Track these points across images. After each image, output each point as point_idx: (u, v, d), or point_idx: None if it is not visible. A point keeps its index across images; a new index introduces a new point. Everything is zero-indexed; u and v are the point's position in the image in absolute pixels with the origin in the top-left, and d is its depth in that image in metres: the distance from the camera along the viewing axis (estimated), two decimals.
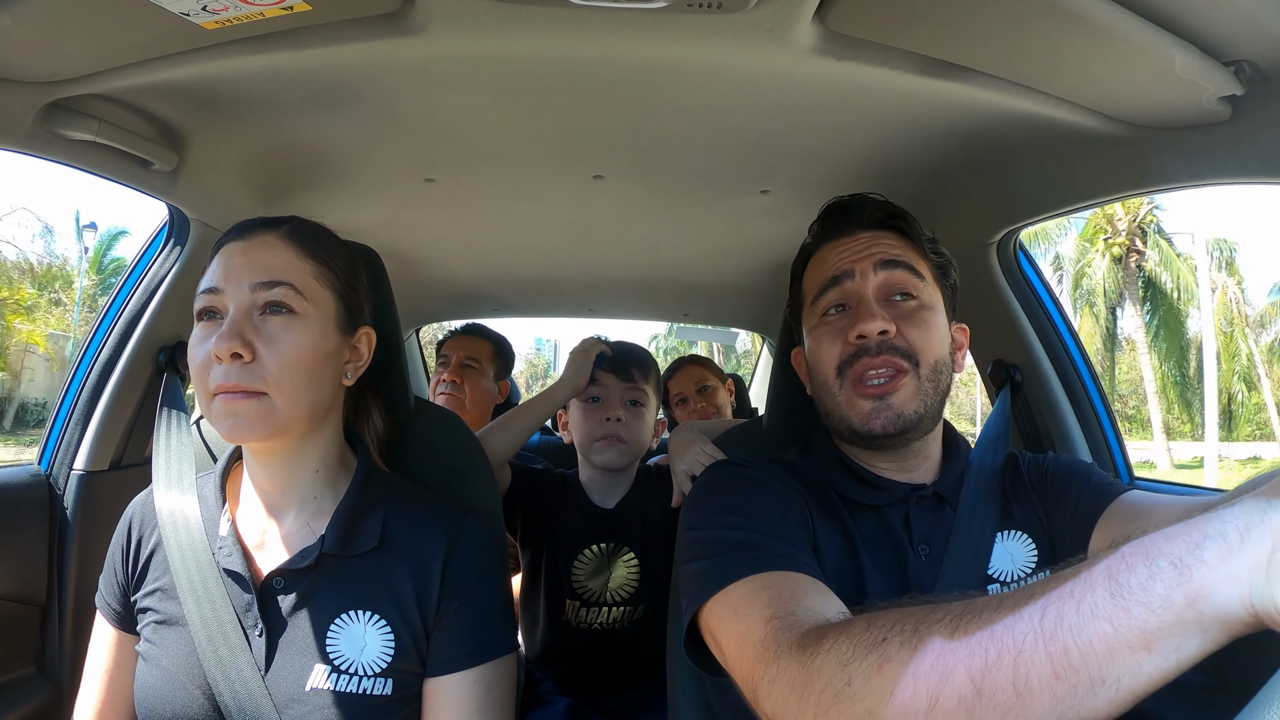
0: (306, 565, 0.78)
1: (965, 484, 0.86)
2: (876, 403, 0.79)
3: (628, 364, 1.41)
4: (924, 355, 0.81)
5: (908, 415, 0.79)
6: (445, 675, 0.79)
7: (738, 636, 0.62)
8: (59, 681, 1.14)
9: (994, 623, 0.42)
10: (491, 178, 1.31)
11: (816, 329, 0.86)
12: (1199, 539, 0.36)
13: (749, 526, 0.73)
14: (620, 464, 1.39)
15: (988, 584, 0.81)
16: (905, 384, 0.80)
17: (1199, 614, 0.35)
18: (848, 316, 0.83)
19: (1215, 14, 0.71)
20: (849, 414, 0.82)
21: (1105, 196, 1.07)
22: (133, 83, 0.88)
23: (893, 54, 0.84)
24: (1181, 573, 0.36)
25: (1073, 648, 0.38)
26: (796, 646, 0.54)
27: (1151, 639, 0.36)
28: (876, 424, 0.79)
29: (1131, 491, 0.81)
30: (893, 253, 0.84)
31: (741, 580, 0.67)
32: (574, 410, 1.43)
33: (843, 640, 0.50)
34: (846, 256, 0.85)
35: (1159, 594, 0.36)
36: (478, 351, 1.99)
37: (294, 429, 0.77)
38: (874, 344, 0.80)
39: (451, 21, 0.77)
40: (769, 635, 0.58)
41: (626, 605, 1.39)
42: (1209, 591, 0.35)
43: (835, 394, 0.83)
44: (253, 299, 0.75)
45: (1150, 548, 0.38)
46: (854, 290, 0.83)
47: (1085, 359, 1.33)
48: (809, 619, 0.58)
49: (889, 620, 0.49)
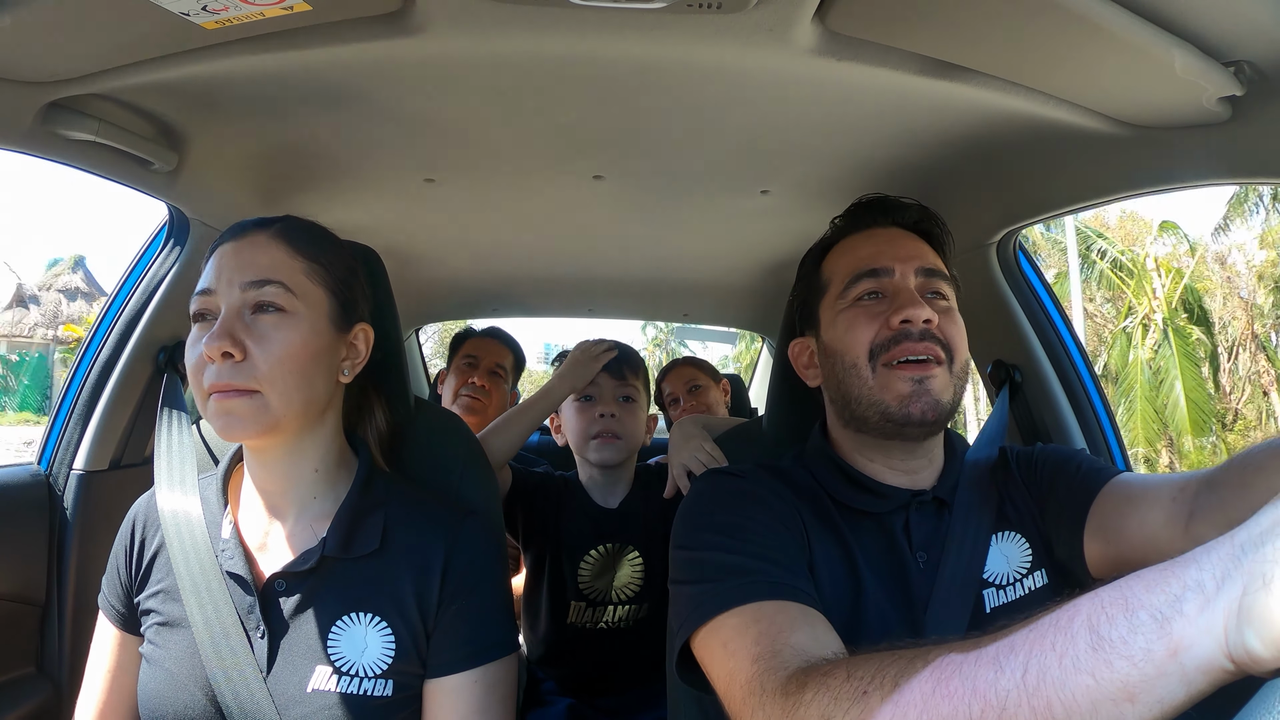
0: (308, 568, 0.78)
1: (960, 486, 0.86)
2: (915, 386, 0.78)
3: (619, 363, 1.42)
4: (957, 351, 0.82)
5: (945, 404, 0.79)
6: (445, 676, 0.79)
7: (726, 674, 0.63)
8: (58, 681, 1.14)
9: (976, 678, 0.42)
10: (491, 178, 1.31)
11: (847, 312, 0.85)
12: (1179, 590, 0.36)
13: (741, 549, 0.73)
14: (617, 459, 1.40)
15: (983, 588, 0.81)
16: (941, 374, 0.80)
17: (1181, 666, 0.35)
18: (885, 303, 0.83)
19: (1215, 15, 0.71)
20: (883, 397, 0.80)
21: (1105, 197, 1.07)
22: (133, 82, 0.88)
23: (893, 54, 0.84)
24: (1162, 626, 0.35)
25: (1056, 702, 0.38)
26: (780, 693, 0.55)
27: (1135, 692, 0.36)
28: (915, 408, 0.78)
29: (1122, 475, 0.81)
30: (929, 260, 0.86)
31: (730, 611, 0.67)
32: (567, 410, 1.44)
33: (824, 693, 0.51)
34: (887, 252, 0.85)
35: (1140, 647, 0.36)
36: (504, 358, 1.93)
37: (289, 426, 0.77)
38: (918, 330, 0.79)
39: (451, 21, 0.77)
40: (755, 677, 0.59)
41: (631, 604, 1.39)
42: (1189, 644, 0.35)
43: (866, 378, 0.81)
44: (243, 298, 0.75)
45: (1130, 598, 0.37)
46: (893, 284, 0.83)
47: (1085, 359, 1.33)
48: (793, 660, 0.59)
49: (869, 671, 0.49)
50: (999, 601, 0.81)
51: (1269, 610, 0.32)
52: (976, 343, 1.41)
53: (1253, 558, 0.34)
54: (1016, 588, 0.82)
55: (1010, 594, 0.82)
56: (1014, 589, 0.82)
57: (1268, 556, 0.33)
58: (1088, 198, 1.10)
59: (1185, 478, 0.73)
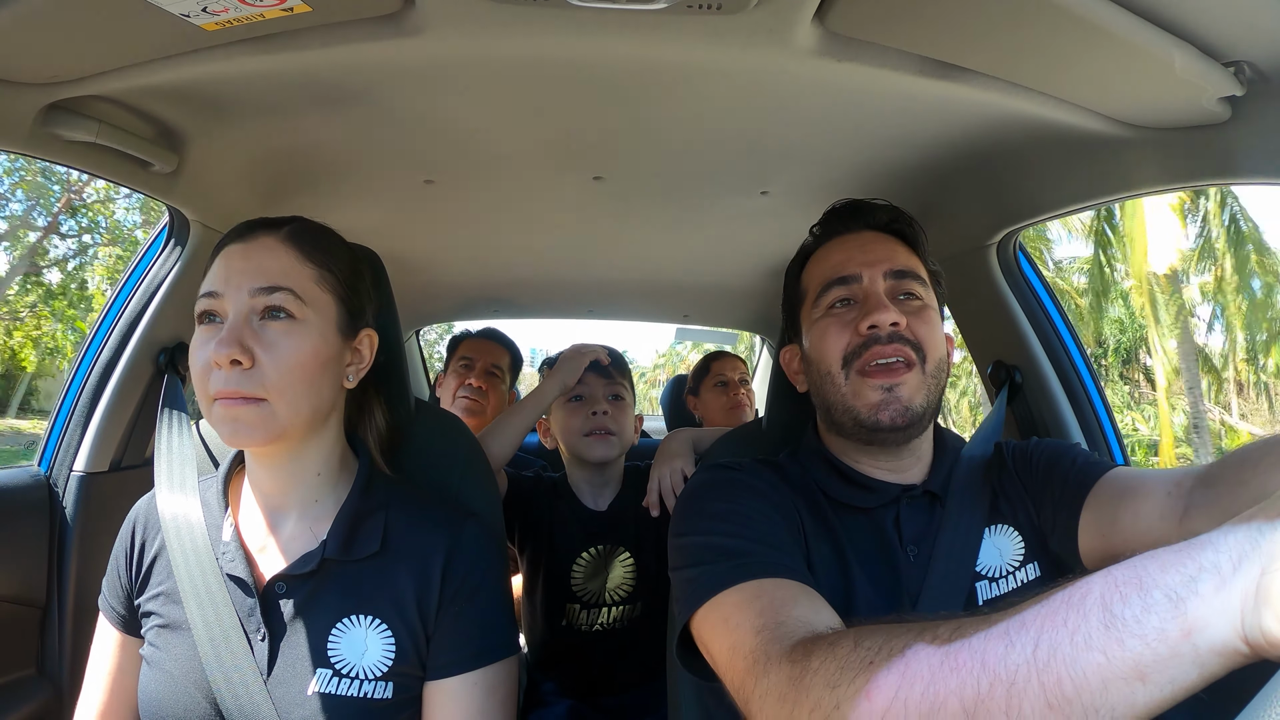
0: (308, 570, 0.78)
1: (953, 480, 0.86)
2: (885, 394, 0.80)
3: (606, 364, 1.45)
4: (930, 351, 0.82)
5: (915, 408, 0.80)
6: (446, 678, 0.79)
7: (729, 647, 0.63)
8: (59, 683, 1.14)
9: (986, 651, 0.42)
10: (491, 179, 1.31)
11: (821, 320, 0.86)
12: (1194, 571, 0.35)
13: (738, 533, 0.74)
14: (612, 455, 1.41)
15: (975, 580, 0.82)
16: (912, 377, 0.80)
17: (1194, 647, 0.35)
18: (855, 310, 0.84)
19: (1215, 15, 0.71)
20: (855, 405, 0.81)
21: (1105, 197, 1.08)
22: (133, 84, 0.88)
23: (893, 55, 0.84)
24: (1176, 606, 0.35)
25: (1066, 679, 0.38)
26: (785, 660, 0.55)
27: (1146, 671, 0.36)
28: (885, 415, 0.80)
29: (1118, 468, 0.81)
30: (899, 261, 0.85)
31: (731, 588, 0.67)
32: (558, 411, 1.45)
33: (830, 661, 0.50)
34: (856, 258, 0.86)
35: (1154, 627, 0.36)
36: (500, 359, 1.95)
37: (295, 433, 0.77)
38: (885, 334, 0.80)
39: (451, 23, 0.77)
40: (758, 647, 0.59)
41: (625, 604, 1.40)
42: (1203, 625, 0.34)
43: (839, 385, 0.83)
44: (252, 304, 0.74)
45: (1145, 577, 0.37)
46: (862, 290, 0.84)
47: (1085, 359, 1.33)
48: (798, 630, 0.58)
49: (876, 642, 0.49)
50: (991, 594, 0.82)
51: None
52: (976, 343, 1.42)
53: (1270, 540, 0.34)
54: (1009, 580, 0.83)
55: (1002, 586, 0.83)
56: (1006, 581, 0.83)
57: None
58: (1088, 198, 1.10)
59: (1181, 473, 0.73)
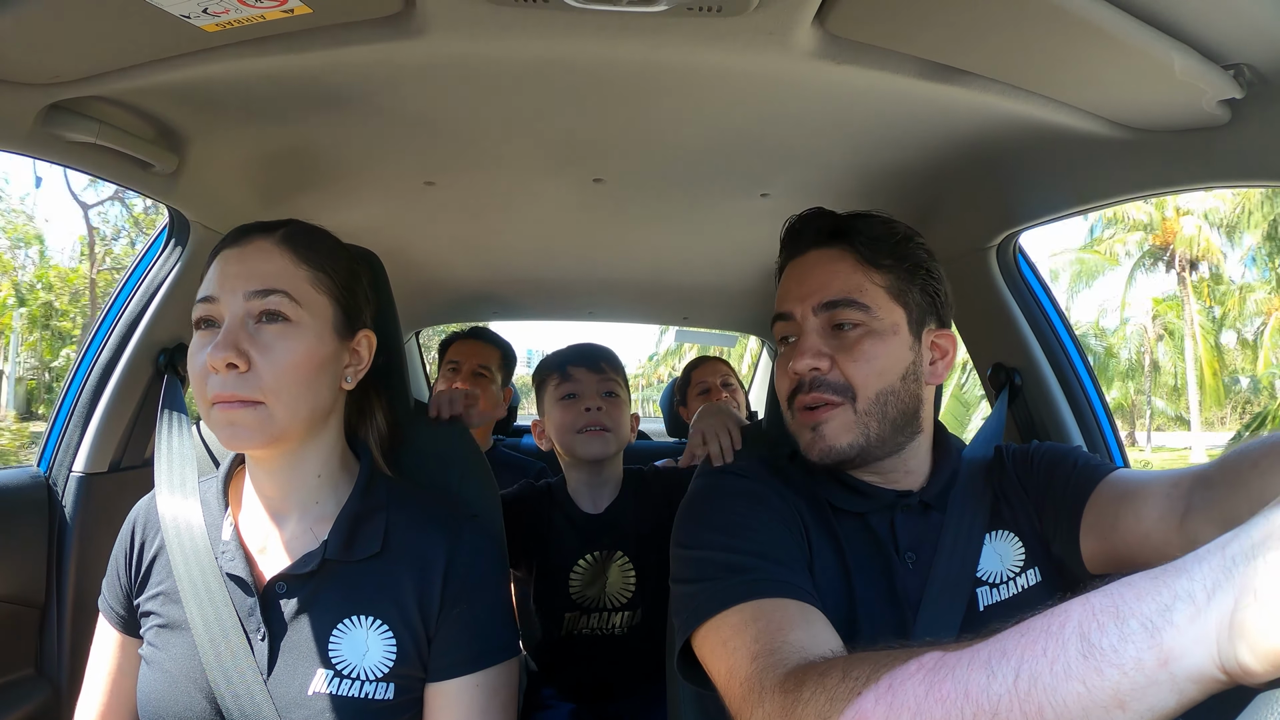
0: (309, 570, 0.78)
1: (954, 488, 0.86)
2: (811, 433, 0.82)
3: (598, 359, 1.41)
4: (862, 388, 0.80)
5: (839, 448, 0.81)
6: (447, 680, 0.79)
7: (726, 671, 0.64)
8: (58, 683, 1.14)
9: (969, 682, 0.43)
10: (491, 181, 1.31)
11: (779, 355, 0.89)
12: (1169, 600, 0.36)
13: (740, 547, 0.74)
14: (607, 452, 1.37)
15: (976, 586, 0.82)
16: (836, 416, 0.81)
17: (1171, 675, 0.35)
18: (794, 349, 0.85)
19: (1215, 18, 0.71)
20: (798, 439, 0.85)
21: (1105, 200, 1.08)
22: (133, 85, 0.88)
23: (893, 58, 0.84)
24: (1152, 635, 0.35)
25: (1048, 708, 0.38)
26: (779, 690, 0.56)
27: (1125, 700, 0.36)
28: (814, 453, 0.82)
29: (1118, 471, 0.81)
30: (833, 289, 0.82)
31: (730, 609, 0.68)
32: (552, 410, 1.41)
33: (820, 693, 0.52)
34: (792, 292, 0.86)
35: (1131, 656, 0.36)
36: (488, 359, 1.93)
37: (293, 435, 0.77)
38: (806, 380, 0.82)
39: (452, 24, 0.77)
40: (753, 675, 0.60)
41: (625, 609, 1.38)
42: (1180, 654, 0.35)
43: (789, 419, 0.86)
44: (247, 308, 0.75)
45: (1121, 605, 0.37)
46: (796, 328, 0.85)
47: (1085, 362, 1.34)
48: (792, 657, 0.60)
49: (863, 672, 0.50)
50: (992, 600, 0.82)
51: (1261, 624, 0.32)
52: (976, 346, 1.42)
53: (1244, 570, 0.34)
54: (1010, 586, 0.83)
55: (1003, 592, 0.83)
56: (1007, 587, 0.83)
57: (1259, 570, 0.33)
58: (1088, 201, 1.10)
59: (1181, 474, 0.73)
